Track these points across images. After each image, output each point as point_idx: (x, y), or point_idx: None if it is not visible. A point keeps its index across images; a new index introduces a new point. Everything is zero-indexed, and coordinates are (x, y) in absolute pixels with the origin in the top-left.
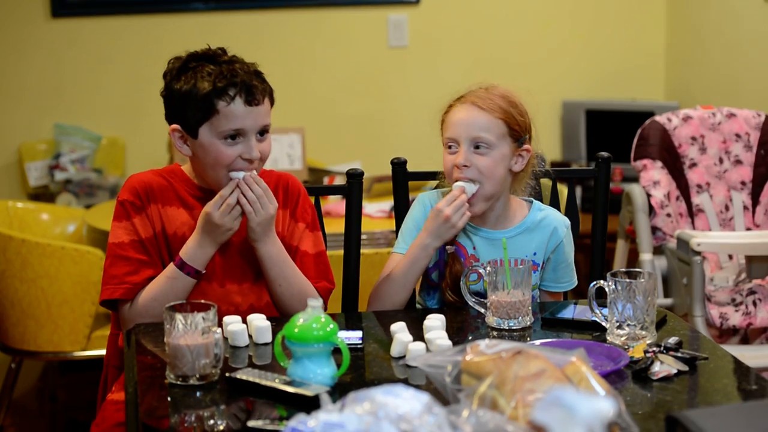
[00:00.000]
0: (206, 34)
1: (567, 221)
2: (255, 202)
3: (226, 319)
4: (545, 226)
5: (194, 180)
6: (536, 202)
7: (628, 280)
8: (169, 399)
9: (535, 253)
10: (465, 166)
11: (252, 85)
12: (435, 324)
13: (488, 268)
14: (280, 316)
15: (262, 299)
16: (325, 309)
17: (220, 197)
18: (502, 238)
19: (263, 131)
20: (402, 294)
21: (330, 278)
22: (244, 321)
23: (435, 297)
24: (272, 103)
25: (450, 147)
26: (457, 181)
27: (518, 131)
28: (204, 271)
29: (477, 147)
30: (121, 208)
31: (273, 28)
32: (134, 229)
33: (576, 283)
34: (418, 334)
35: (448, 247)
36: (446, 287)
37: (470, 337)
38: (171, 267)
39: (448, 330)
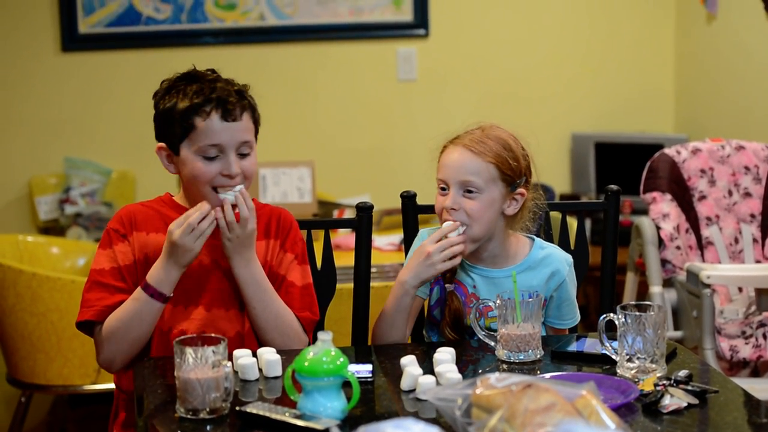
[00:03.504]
0: (215, 67)
1: (569, 258)
2: (232, 221)
3: (236, 352)
4: (547, 264)
5: (185, 206)
6: (538, 240)
7: (637, 313)
8: None
9: (537, 291)
10: (453, 209)
11: (228, 101)
12: (445, 357)
13: (498, 302)
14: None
15: (247, 325)
16: (310, 341)
17: (184, 216)
18: (512, 272)
19: (243, 148)
20: (394, 332)
21: (314, 310)
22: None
23: (438, 334)
24: (255, 122)
25: (442, 188)
26: (446, 221)
27: (511, 176)
28: (170, 296)
29: (466, 191)
30: (106, 235)
31: (282, 61)
32: (115, 257)
33: (579, 319)
34: (428, 368)
35: (447, 285)
36: (445, 325)
37: (480, 371)
38: (138, 290)
39: (458, 363)
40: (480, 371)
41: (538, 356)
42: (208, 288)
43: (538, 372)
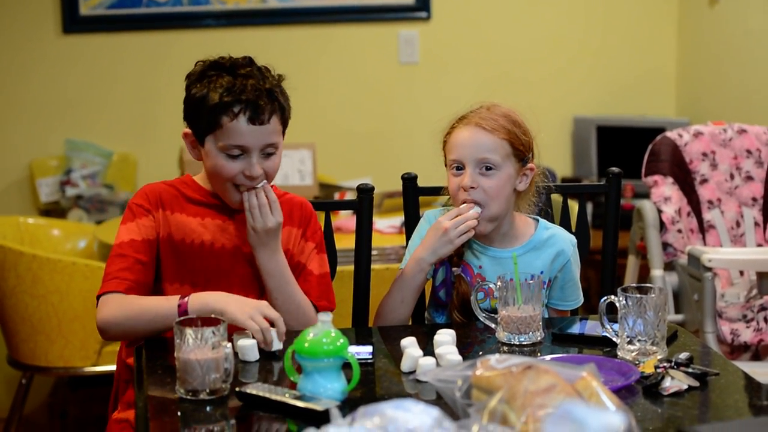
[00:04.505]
0: (217, 49)
1: (573, 240)
2: (255, 209)
3: (236, 334)
4: (552, 244)
5: (206, 187)
6: (542, 221)
7: (638, 296)
8: (179, 414)
9: (541, 272)
10: (472, 188)
11: (258, 104)
12: (445, 339)
13: (499, 284)
14: None
15: None
16: None
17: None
18: (513, 254)
19: (269, 150)
20: (401, 310)
21: (331, 299)
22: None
23: (443, 315)
24: (284, 121)
25: (456, 168)
26: (464, 203)
27: (522, 150)
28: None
29: (483, 168)
30: (129, 211)
31: (284, 43)
32: (137, 230)
33: (582, 300)
34: (428, 349)
35: (454, 269)
36: (453, 308)
37: (480, 352)
38: (173, 305)
39: (458, 345)
40: (480, 353)
41: (539, 338)
42: (229, 272)
43: (539, 354)
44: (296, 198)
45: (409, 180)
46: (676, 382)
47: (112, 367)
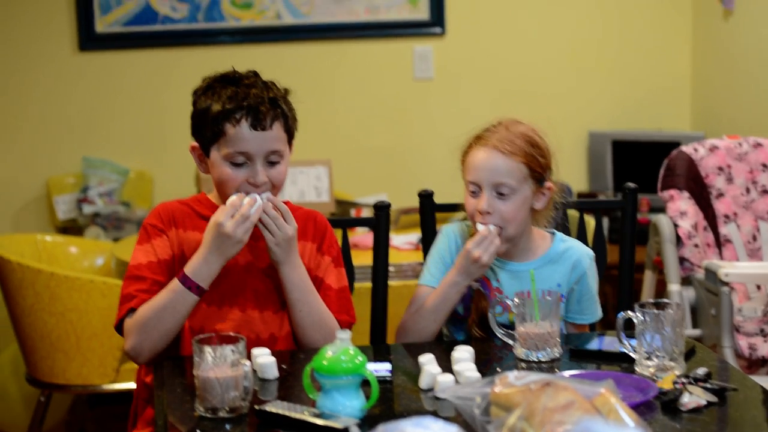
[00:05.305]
0: (232, 66)
1: (590, 252)
2: (270, 223)
3: (255, 351)
4: (568, 257)
5: (219, 204)
6: (558, 234)
7: (656, 311)
8: None
9: (558, 285)
10: (488, 212)
11: (259, 110)
12: (463, 356)
13: (516, 300)
14: (297, 347)
15: (283, 329)
16: None
17: (231, 207)
18: (530, 270)
19: (272, 157)
20: (431, 328)
21: (351, 313)
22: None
23: (462, 330)
24: (288, 130)
25: (473, 190)
26: (480, 224)
27: (540, 172)
28: (207, 289)
29: (499, 192)
30: (143, 231)
31: (298, 60)
32: (153, 251)
33: (601, 315)
34: (446, 366)
35: (473, 283)
36: (472, 323)
37: (499, 369)
38: (174, 281)
39: (476, 362)
40: (499, 370)
41: (557, 354)
42: (244, 289)
43: (557, 370)
44: (310, 212)
45: (425, 197)
46: (694, 397)
47: (131, 385)
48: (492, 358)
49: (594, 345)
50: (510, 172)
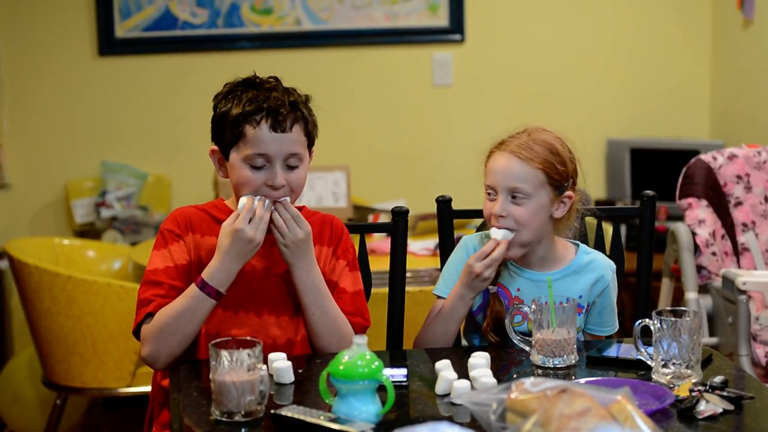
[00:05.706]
0: (252, 71)
1: (613, 265)
2: (282, 225)
3: (271, 356)
4: (592, 270)
5: (236, 210)
6: (582, 246)
7: (673, 319)
8: None
9: (580, 296)
10: (501, 216)
11: (279, 112)
12: (480, 362)
13: (533, 306)
14: (312, 351)
15: (299, 333)
16: None
17: (247, 211)
18: (548, 277)
19: (292, 160)
20: (443, 339)
21: (366, 316)
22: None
23: (479, 335)
24: (308, 134)
25: (489, 194)
26: (494, 227)
27: (558, 180)
28: (225, 294)
29: (514, 197)
30: (160, 236)
31: (318, 65)
32: (170, 256)
33: (617, 327)
34: (462, 372)
35: (490, 287)
36: (487, 327)
37: (515, 375)
38: (192, 287)
39: (492, 368)
40: (515, 376)
41: (573, 361)
42: (260, 294)
43: (573, 377)
44: (327, 216)
45: (443, 203)
46: (710, 405)
47: (147, 388)
48: (508, 364)
49: (611, 352)
50: (525, 178)
